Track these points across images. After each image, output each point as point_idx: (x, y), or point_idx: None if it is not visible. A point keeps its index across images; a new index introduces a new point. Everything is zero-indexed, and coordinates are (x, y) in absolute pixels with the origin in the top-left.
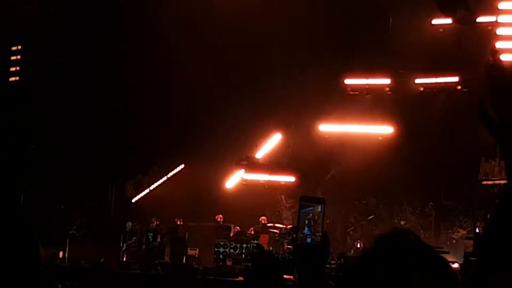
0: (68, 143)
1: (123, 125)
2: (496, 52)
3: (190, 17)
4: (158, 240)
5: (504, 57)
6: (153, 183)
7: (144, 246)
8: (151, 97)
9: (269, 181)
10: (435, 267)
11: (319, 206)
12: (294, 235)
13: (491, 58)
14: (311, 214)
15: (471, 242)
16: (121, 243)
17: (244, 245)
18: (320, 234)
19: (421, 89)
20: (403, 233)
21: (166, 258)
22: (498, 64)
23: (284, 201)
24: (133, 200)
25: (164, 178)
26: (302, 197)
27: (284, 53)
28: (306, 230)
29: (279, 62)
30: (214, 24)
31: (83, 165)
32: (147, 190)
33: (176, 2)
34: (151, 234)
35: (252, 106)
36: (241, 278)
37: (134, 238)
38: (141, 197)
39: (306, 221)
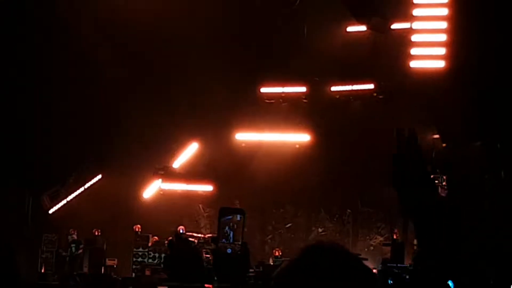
0: None
1: (39, 135)
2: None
3: (109, 19)
4: (80, 251)
5: (419, 64)
6: (70, 194)
7: (68, 258)
8: (69, 106)
9: (186, 190)
10: (361, 277)
11: (238, 216)
12: (214, 246)
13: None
14: (230, 224)
15: (389, 248)
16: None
17: (163, 255)
18: (240, 243)
19: (337, 96)
20: (329, 245)
21: (85, 269)
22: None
23: (202, 210)
24: (50, 212)
25: (81, 189)
26: (221, 208)
27: (200, 61)
28: (224, 240)
29: (194, 70)
30: (131, 29)
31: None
32: (64, 201)
33: (93, 3)
34: (74, 245)
35: (168, 115)
36: None
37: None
38: (58, 208)
39: (226, 231)
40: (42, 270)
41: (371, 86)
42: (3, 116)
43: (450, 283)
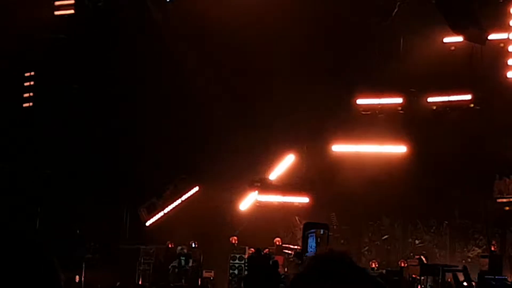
0: (82, 168)
1: (136, 147)
2: None
3: (198, 25)
4: (191, 264)
5: None
6: (167, 206)
7: (176, 270)
8: (165, 118)
9: (282, 202)
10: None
11: (321, 230)
12: (299, 261)
13: None
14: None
15: (486, 260)
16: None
17: None
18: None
19: (434, 107)
20: (338, 255)
21: (182, 281)
22: None
23: (298, 222)
24: (147, 224)
25: (178, 201)
26: (305, 223)
27: (298, 72)
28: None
29: (292, 81)
30: (225, 39)
31: (97, 189)
32: (161, 213)
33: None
34: (183, 258)
35: (266, 127)
36: None
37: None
38: (155, 220)
39: (311, 245)
40: (140, 282)
41: (468, 97)
42: (102, 129)
43: None
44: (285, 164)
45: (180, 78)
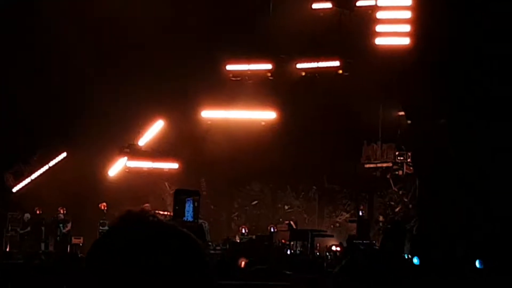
0: None
1: (3, 113)
2: None
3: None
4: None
5: (384, 41)
6: (34, 172)
7: (58, 238)
8: (31, 84)
9: (152, 168)
10: (181, 245)
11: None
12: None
13: None
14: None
15: (355, 225)
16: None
17: None
18: (197, 221)
19: (303, 73)
20: (142, 213)
21: (50, 247)
22: None
23: (168, 188)
24: (14, 190)
25: (46, 167)
26: (176, 190)
27: (165, 39)
28: (188, 217)
29: (159, 48)
30: (98, 11)
31: None
32: (28, 180)
33: None
34: (62, 224)
35: (133, 92)
36: None
37: (29, 227)
38: (22, 187)
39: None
40: (7, 249)
41: (336, 63)
42: None
43: (415, 259)
44: (154, 130)
45: (53, 42)
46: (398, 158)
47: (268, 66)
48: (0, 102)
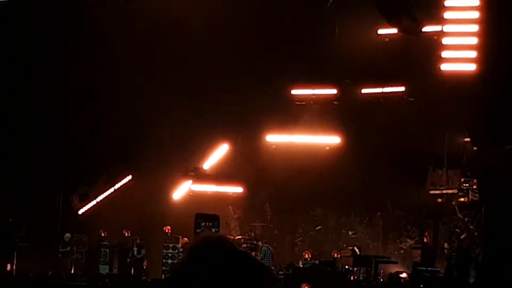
0: (14, 155)
1: (69, 137)
2: None
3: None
4: (142, 253)
5: (450, 67)
6: (99, 195)
7: (128, 260)
8: (100, 107)
9: (216, 192)
10: (254, 273)
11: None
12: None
13: None
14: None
15: (419, 251)
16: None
17: None
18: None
19: (368, 99)
20: (217, 240)
21: (114, 270)
22: None
23: (232, 212)
24: (80, 212)
25: (111, 190)
26: (197, 214)
27: (232, 63)
28: None
29: (226, 72)
30: (159, 31)
31: (30, 177)
32: (93, 202)
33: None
34: (136, 249)
35: (199, 117)
36: None
37: (69, 247)
38: (88, 209)
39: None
40: (72, 271)
41: (401, 88)
42: (36, 117)
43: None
44: (218, 154)
45: (114, 67)
46: (464, 184)
47: (333, 91)
48: (64, 127)
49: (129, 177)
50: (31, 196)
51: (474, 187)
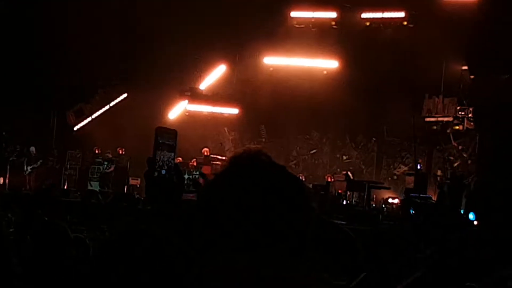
0: (8, 69)
1: (63, 53)
2: None
3: None
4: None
5: None
6: (95, 112)
7: (97, 174)
8: (97, 24)
9: (212, 112)
10: (289, 187)
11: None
12: (149, 167)
13: None
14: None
15: (412, 178)
16: (25, 166)
17: (186, 176)
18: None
19: (367, 23)
20: (255, 153)
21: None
22: None
23: (227, 133)
24: (75, 128)
25: (107, 107)
26: (157, 128)
27: None
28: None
29: None
30: None
31: (24, 92)
32: (89, 119)
33: None
34: (106, 163)
35: (197, 36)
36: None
37: (40, 161)
38: (83, 126)
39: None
40: (65, 186)
41: (402, 14)
42: (31, 34)
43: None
44: (216, 75)
45: None
46: (459, 113)
47: (333, 15)
48: (61, 43)
49: (125, 95)
50: (26, 112)
51: (470, 115)
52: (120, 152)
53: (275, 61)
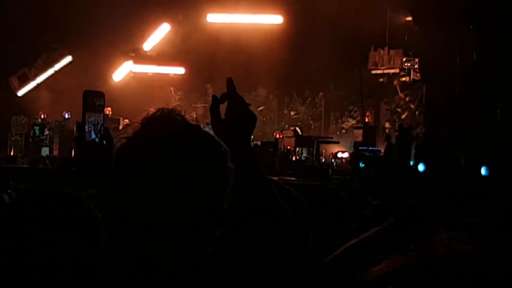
0: None
1: (2, 15)
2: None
3: None
4: (46, 133)
5: None
6: (39, 76)
7: (30, 140)
8: None
9: (158, 73)
10: (204, 145)
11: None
12: (79, 133)
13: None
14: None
15: (360, 131)
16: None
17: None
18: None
19: None
20: (169, 113)
21: (55, 152)
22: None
23: (173, 93)
24: (19, 94)
25: (51, 71)
26: (85, 92)
27: None
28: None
29: None
30: None
31: None
32: (33, 83)
33: None
34: (37, 128)
35: None
36: None
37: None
38: (28, 91)
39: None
40: (12, 153)
41: None
42: None
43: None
44: (159, 34)
45: None
46: (405, 64)
47: None
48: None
49: (69, 58)
50: None
51: (416, 66)
52: (66, 116)
53: (218, 18)
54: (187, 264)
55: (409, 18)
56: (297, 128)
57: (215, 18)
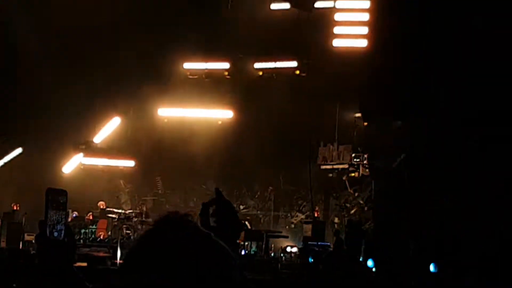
0: None
1: None
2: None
3: None
4: None
5: (341, 42)
6: None
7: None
8: None
9: (108, 165)
10: (216, 257)
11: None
12: (41, 231)
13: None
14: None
15: (310, 226)
16: None
17: (83, 231)
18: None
19: (260, 73)
20: (181, 219)
21: (2, 244)
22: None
23: (123, 185)
24: None
25: (1, 163)
26: (48, 189)
27: (121, 36)
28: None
29: (116, 45)
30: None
31: None
32: None
33: None
34: None
35: (90, 89)
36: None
37: None
38: None
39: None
40: None
41: (294, 63)
42: None
43: (370, 261)
44: (110, 127)
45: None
46: (354, 160)
47: (226, 65)
48: None
49: (20, 150)
50: None
51: (365, 162)
52: (15, 208)
53: (169, 112)
54: None
55: (358, 115)
56: (246, 222)
57: (166, 112)
